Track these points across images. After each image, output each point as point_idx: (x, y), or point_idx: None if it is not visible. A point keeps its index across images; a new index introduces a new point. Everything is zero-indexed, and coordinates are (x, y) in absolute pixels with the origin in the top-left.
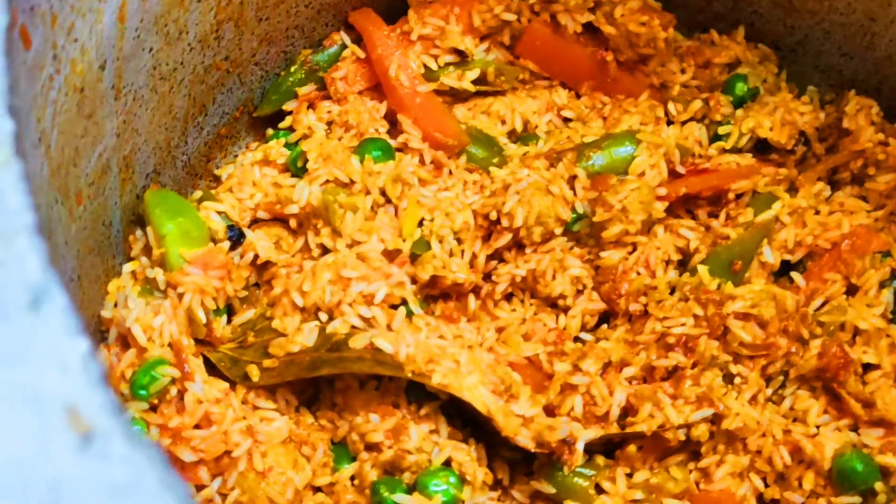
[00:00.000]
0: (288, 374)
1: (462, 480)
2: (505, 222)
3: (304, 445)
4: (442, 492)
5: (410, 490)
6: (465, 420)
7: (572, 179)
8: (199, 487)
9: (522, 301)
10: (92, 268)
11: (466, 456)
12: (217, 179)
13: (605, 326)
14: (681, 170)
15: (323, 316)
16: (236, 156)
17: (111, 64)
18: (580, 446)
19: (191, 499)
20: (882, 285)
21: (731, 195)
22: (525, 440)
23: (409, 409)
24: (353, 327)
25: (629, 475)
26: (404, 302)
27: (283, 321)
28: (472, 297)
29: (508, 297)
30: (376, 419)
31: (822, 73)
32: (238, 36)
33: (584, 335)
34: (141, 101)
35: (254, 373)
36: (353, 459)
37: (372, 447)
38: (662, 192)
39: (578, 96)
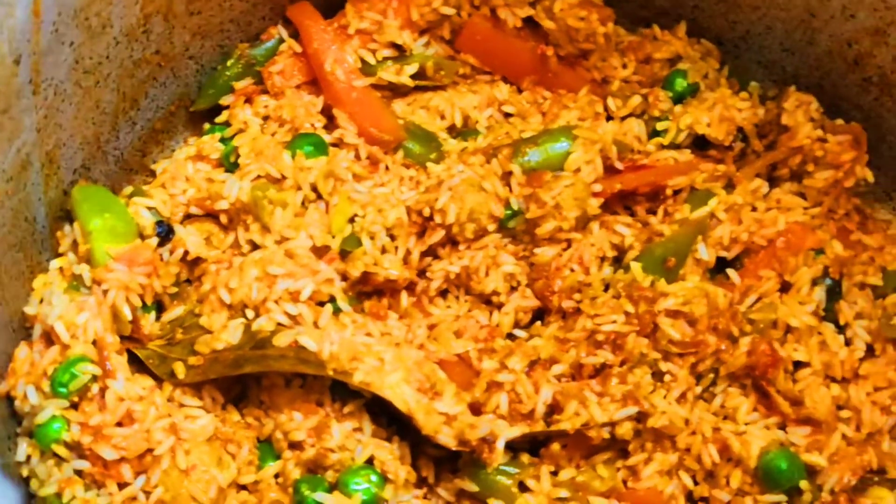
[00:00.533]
0: (212, 371)
1: (384, 479)
2: (438, 219)
3: (230, 443)
4: (363, 490)
5: (333, 488)
6: (390, 418)
7: (509, 175)
8: (122, 485)
9: (457, 298)
10: (14, 264)
11: (389, 454)
12: (154, 174)
13: (538, 323)
14: (619, 166)
15: (250, 313)
16: (174, 151)
17: (27, 58)
18: (500, 444)
19: None
20: (814, 282)
21: (668, 191)
22: (446, 438)
23: (333, 408)
24: (279, 324)
25: (554, 473)
26: (332, 299)
27: (211, 318)
28: (405, 294)
29: (444, 293)
30: (299, 417)
31: (765, 69)
32: (168, 29)
33: (517, 332)
34: (63, 96)
35: (179, 370)
36: (278, 457)
37: (295, 445)
38: (598, 188)
39: (520, 91)
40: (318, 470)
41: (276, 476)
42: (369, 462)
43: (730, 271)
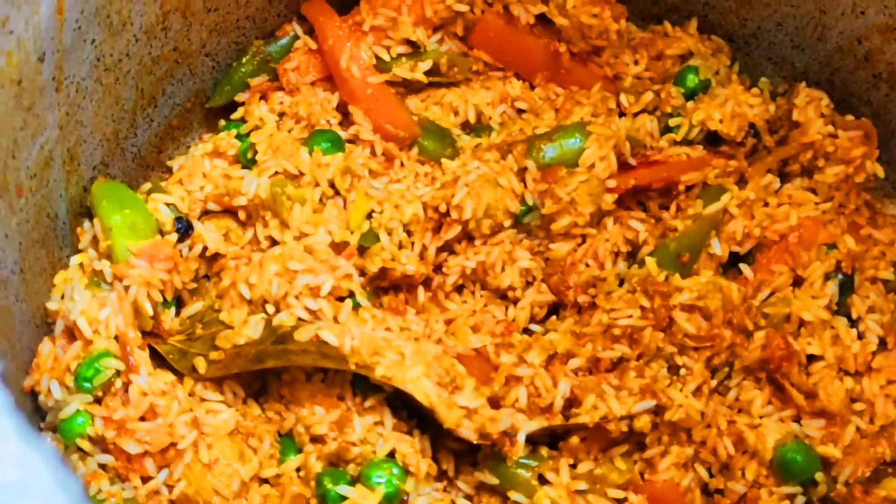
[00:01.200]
0: (234, 366)
1: (406, 472)
2: (454, 214)
3: (251, 437)
4: (385, 483)
5: (355, 482)
6: (410, 411)
7: (523, 171)
8: (146, 479)
9: (473, 293)
10: (36, 260)
11: (410, 447)
12: (170, 171)
13: (554, 318)
14: (632, 162)
15: (270, 308)
16: (189, 147)
17: (51, 56)
18: (521, 438)
19: (84, 496)
20: (827, 277)
21: (681, 187)
22: (467, 432)
23: (354, 402)
24: (300, 319)
25: (573, 466)
26: (351, 294)
27: (231, 313)
28: (421, 290)
29: (460, 289)
30: (321, 411)
31: (775, 65)
32: (186, 27)
33: (533, 327)
34: (85, 93)
35: (201, 365)
36: (300, 451)
37: (317, 439)
38: (612, 184)
39: (533, 87)
40: (339, 463)
41: (298, 470)
42: (391, 455)
43: (743, 266)
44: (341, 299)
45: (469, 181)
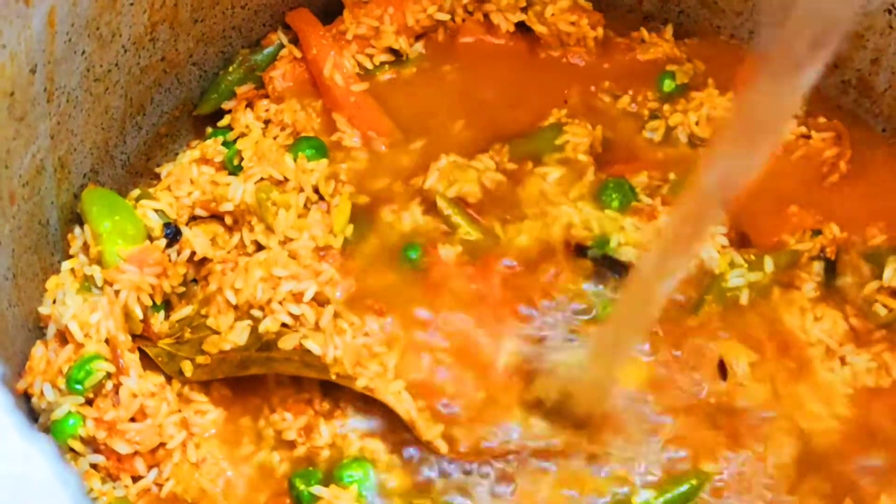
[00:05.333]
0: (219, 371)
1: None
2: None
3: (236, 437)
4: (357, 481)
5: (328, 482)
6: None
7: None
8: (136, 478)
9: None
10: (29, 266)
11: (380, 442)
12: (158, 178)
13: None
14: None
15: (256, 313)
16: (177, 154)
17: (42, 67)
18: None
19: (83, 493)
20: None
21: (656, 184)
22: (441, 442)
23: (322, 407)
24: (284, 325)
25: None
26: None
27: (218, 319)
28: None
29: None
30: (290, 417)
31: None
32: (174, 37)
33: None
34: (75, 103)
35: (187, 369)
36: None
37: (288, 444)
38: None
39: None
40: (311, 466)
41: (277, 470)
42: (361, 456)
43: None
44: (324, 305)
45: (440, 166)
